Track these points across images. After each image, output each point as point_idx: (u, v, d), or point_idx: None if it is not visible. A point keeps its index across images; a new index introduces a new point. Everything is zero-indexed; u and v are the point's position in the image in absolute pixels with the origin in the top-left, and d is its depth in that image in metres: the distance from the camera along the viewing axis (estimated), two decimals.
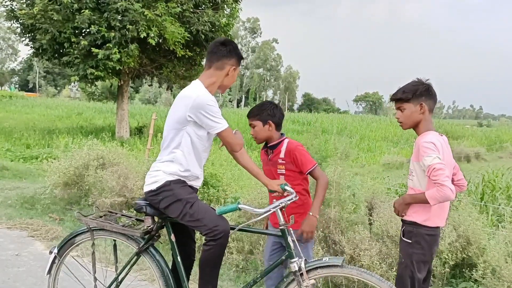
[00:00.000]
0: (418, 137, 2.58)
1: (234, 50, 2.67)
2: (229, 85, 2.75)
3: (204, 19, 16.47)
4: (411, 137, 27.35)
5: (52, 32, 15.13)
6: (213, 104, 2.49)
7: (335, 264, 2.28)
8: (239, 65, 2.74)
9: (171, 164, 2.54)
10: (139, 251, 2.66)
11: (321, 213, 4.34)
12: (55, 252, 2.79)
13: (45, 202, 6.26)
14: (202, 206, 2.50)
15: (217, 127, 2.50)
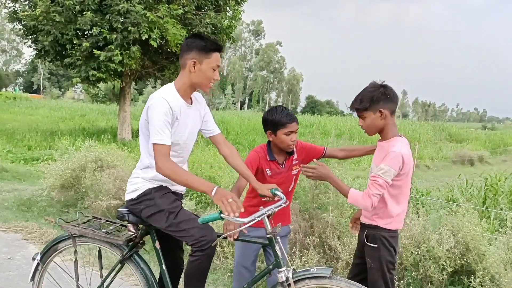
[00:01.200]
0: (385, 142, 2.56)
1: (194, 42, 2.41)
2: (201, 82, 2.45)
3: (206, 21, 16.44)
4: (414, 140, 27.23)
5: (54, 34, 15.13)
6: (160, 111, 2.28)
7: (323, 275, 2.21)
8: (206, 57, 2.39)
9: (149, 170, 2.44)
10: (123, 258, 2.59)
11: (318, 218, 4.28)
12: (37, 259, 2.73)
13: (41, 204, 6.23)
14: (187, 216, 2.40)
15: (151, 138, 2.29)
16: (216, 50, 2.43)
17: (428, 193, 7.78)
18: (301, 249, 3.71)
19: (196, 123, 2.57)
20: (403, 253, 3.58)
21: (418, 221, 3.79)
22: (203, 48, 2.39)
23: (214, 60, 2.42)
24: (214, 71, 2.44)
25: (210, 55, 2.41)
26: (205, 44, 2.40)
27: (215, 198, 2.13)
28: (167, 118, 2.29)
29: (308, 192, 4.47)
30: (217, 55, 2.44)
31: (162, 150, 2.25)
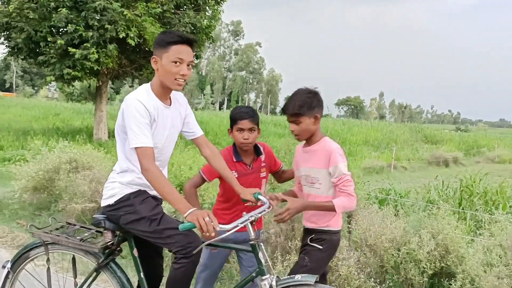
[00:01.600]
0: (316, 145, 2.59)
1: (159, 38, 2.28)
2: (166, 80, 2.27)
3: (185, 20, 16.28)
4: (391, 141, 27.63)
5: (28, 31, 14.74)
6: (136, 113, 2.16)
7: (308, 283, 2.15)
8: (165, 51, 2.23)
9: (127, 174, 2.33)
10: (99, 266, 2.48)
11: (299, 220, 4.23)
12: (8, 267, 2.60)
13: (13, 207, 6.01)
14: (170, 222, 2.27)
15: (130, 142, 2.17)
16: (177, 42, 2.23)
17: (407, 195, 7.85)
18: (282, 253, 3.65)
19: (176, 124, 2.45)
20: (384, 256, 3.57)
21: (399, 224, 3.78)
22: (161, 42, 2.25)
23: (173, 52, 2.22)
24: (177, 65, 2.24)
25: (168, 48, 2.23)
26: (164, 37, 2.25)
27: (188, 217, 2.02)
28: (145, 120, 2.18)
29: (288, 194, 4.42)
30: (178, 47, 2.23)
31: (145, 153, 2.14)
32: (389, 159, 19.31)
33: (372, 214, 3.93)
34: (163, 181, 2.13)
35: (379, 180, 12.48)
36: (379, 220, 3.79)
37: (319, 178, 2.56)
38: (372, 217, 3.86)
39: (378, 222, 3.75)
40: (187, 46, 2.26)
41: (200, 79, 78.50)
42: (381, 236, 3.58)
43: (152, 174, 2.12)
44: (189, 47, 2.27)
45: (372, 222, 3.78)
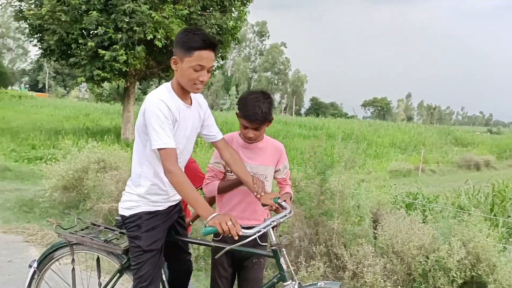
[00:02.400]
0: (260, 142, 2.63)
1: (180, 37, 2.16)
2: (184, 83, 2.20)
3: (212, 21, 16.38)
4: (419, 144, 27.09)
5: (60, 33, 15.11)
6: (159, 112, 2.10)
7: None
8: (187, 55, 2.12)
9: (140, 182, 2.29)
10: (122, 268, 2.51)
11: (323, 225, 4.18)
12: (34, 267, 2.65)
13: (44, 205, 6.15)
14: (153, 263, 2.30)
15: (153, 143, 2.11)
16: (201, 48, 2.12)
17: (435, 199, 7.67)
18: (306, 258, 3.61)
19: (196, 125, 2.40)
20: (412, 263, 3.48)
21: (428, 230, 3.68)
22: (184, 45, 2.13)
23: (196, 59, 2.12)
24: (197, 71, 2.15)
25: (191, 53, 2.12)
26: (187, 40, 2.12)
27: (210, 222, 1.98)
28: (168, 120, 2.12)
29: (313, 198, 4.37)
30: (202, 53, 2.13)
31: (169, 154, 2.09)
32: (416, 162, 18.94)
33: (400, 220, 3.84)
34: (187, 184, 2.09)
35: (406, 184, 12.26)
36: (407, 226, 3.70)
37: (267, 175, 2.62)
38: (400, 222, 3.77)
39: (406, 228, 3.66)
40: (210, 51, 2.16)
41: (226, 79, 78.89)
42: (409, 242, 3.49)
43: (176, 176, 2.08)
44: (211, 52, 2.18)
45: (399, 228, 3.69)
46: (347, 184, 4.27)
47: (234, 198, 2.63)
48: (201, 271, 4.13)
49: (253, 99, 2.46)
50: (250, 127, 2.49)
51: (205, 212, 2.03)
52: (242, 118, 2.49)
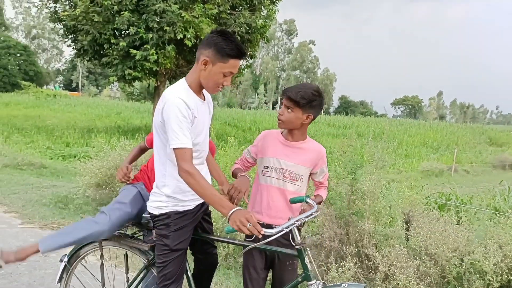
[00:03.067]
0: (302, 143, 2.59)
1: (216, 40, 2.15)
2: (208, 85, 2.23)
3: (241, 20, 16.45)
4: (452, 143, 26.43)
5: (93, 34, 15.50)
6: (178, 112, 2.10)
7: None
8: (222, 60, 2.15)
9: (166, 182, 2.29)
10: (148, 264, 2.56)
11: (354, 225, 4.14)
12: (65, 261, 2.74)
13: (78, 202, 6.32)
14: (178, 263, 2.33)
15: (170, 142, 2.12)
16: (236, 56, 2.18)
17: (469, 200, 7.46)
18: (337, 259, 3.58)
19: (209, 119, 2.45)
20: (446, 266, 3.40)
21: (462, 232, 3.58)
22: (221, 50, 2.14)
23: (230, 66, 2.18)
24: (225, 77, 2.21)
25: (227, 60, 2.16)
26: (225, 46, 2.14)
27: (231, 220, 1.99)
28: (186, 119, 2.13)
29: (343, 197, 4.33)
30: (235, 61, 2.19)
31: (184, 154, 2.10)
32: (449, 161, 18.49)
33: (433, 221, 3.75)
34: (203, 183, 2.10)
35: (438, 184, 11.99)
36: (441, 228, 3.62)
37: (302, 176, 2.57)
38: (433, 224, 3.69)
39: (440, 229, 3.57)
40: (239, 60, 2.23)
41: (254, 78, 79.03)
42: (443, 244, 3.41)
43: (191, 176, 2.09)
44: (240, 60, 2.26)
45: (433, 229, 3.61)
46: (378, 184, 4.21)
47: (263, 193, 2.59)
48: (231, 269, 4.15)
49: (305, 83, 2.52)
50: (284, 105, 2.49)
51: (224, 209, 2.04)
52: (283, 95, 2.51)
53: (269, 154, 2.57)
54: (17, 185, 7.54)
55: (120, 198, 2.65)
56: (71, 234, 2.50)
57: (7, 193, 6.94)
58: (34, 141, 14.94)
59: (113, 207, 2.58)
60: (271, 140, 2.60)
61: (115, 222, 2.52)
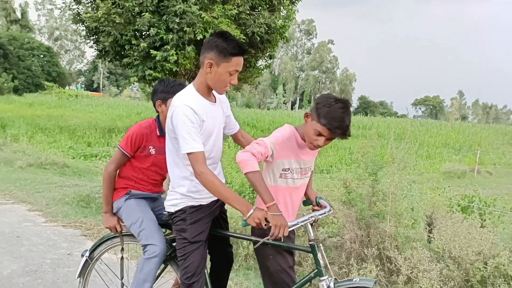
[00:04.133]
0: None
1: (215, 41, 2.23)
2: (215, 85, 2.31)
3: (260, 21, 16.45)
4: (474, 144, 25.95)
5: (114, 35, 15.71)
6: (185, 118, 2.18)
7: (366, 286, 2.15)
8: (225, 60, 2.23)
9: (181, 182, 2.36)
10: (166, 259, 2.62)
11: (375, 227, 4.09)
12: (86, 256, 2.81)
13: (99, 201, 6.40)
14: (196, 255, 2.38)
15: (181, 148, 2.19)
16: (238, 54, 2.26)
17: (493, 203, 7.31)
18: (358, 261, 3.55)
19: (222, 120, 2.50)
20: (470, 270, 3.33)
21: (487, 235, 3.51)
22: (222, 50, 2.22)
23: (234, 64, 2.26)
24: (231, 75, 2.29)
25: (229, 58, 2.24)
26: (226, 46, 2.22)
27: (249, 221, 2.11)
28: (194, 124, 2.20)
29: (364, 199, 4.29)
30: (238, 59, 2.27)
31: (197, 158, 2.17)
32: (472, 163, 18.15)
33: (457, 224, 3.68)
34: (218, 183, 2.18)
35: (461, 186, 11.78)
36: (465, 231, 3.55)
37: (311, 166, 2.59)
38: (457, 227, 3.62)
39: (464, 232, 3.51)
40: (242, 57, 2.30)
41: (273, 79, 78.95)
42: (467, 247, 3.34)
43: (206, 177, 2.16)
44: (243, 58, 2.32)
45: (456, 232, 3.54)
46: (399, 185, 4.16)
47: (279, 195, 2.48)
48: (251, 269, 4.15)
49: (339, 109, 2.27)
50: (326, 137, 2.33)
51: (243, 207, 2.14)
52: (322, 126, 2.28)
53: (292, 156, 2.45)
54: (40, 184, 7.70)
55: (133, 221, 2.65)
56: (148, 279, 2.53)
57: (31, 191, 7.09)
58: (56, 140, 15.23)
59: (142, 234, 2.59)
60: (293, 141, 2.46)
61: (160, 239, 2.57)
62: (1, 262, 4.10)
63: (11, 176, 8.25)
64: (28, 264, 4.10)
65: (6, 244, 4.63)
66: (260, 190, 2.17)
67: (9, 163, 9.60)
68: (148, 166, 2.74)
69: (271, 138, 2.35)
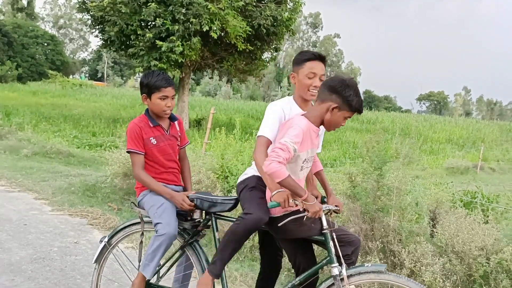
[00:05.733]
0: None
1: (295, 58, 2.67)
2: (300, 91, 2.63)
3: (267, 13, 16.41)
4: (478, 140, 25.92)
5: (120, 25, 15.71)
6: (271, 113, 2.59)
7: (377, 270, 2.24)
8: (300, 67, 2.60)
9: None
10: (184, 245, 2.69)
11: (379, 221, 4.13)
12: (105, 241, 2.85)
13: (105, 191, 6.47)
14: (254, 195, 2.53)
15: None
16: (309, 59, 2.56)
17: (496, 199, 7.33)
18: (362, 253, 3.59)
19: None
20: (473, 264, 3.37)
21: (490, 231, 3.54)
22: (296, 61, 2.61)
23: (307, 68, 2.55)
24: (310, 79, 2.55)
25: (303, 65, 2.56)
26: (299, 56, 2.61)
27: (275, 197, 2.31)
28: (274, 118, 2.57)
29: (369, 193, 4.32)
30: (311, 63, 2.56)
31: (259, 141, 2.53)
32: (475, 159, 18.13)
33: (460, 219, 3.72)
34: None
35: (464, 182, 11.79)
36: (468, 226, 3.59)
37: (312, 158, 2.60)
38: (460, 222, 3.66)
39: (467, 228, 3.54)
40: (319, 62, 2.58)
41: (278, 71, 78.75)
42: (470, 243, 3.38)
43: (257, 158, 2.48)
44: (321, 63, 2.59)
45: (459, 227, 3.58)
46: (404, 180, 4.19)
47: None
48: (256, 261, 4.20)
49: (358, 91, 2.35)
50: (349, 117, 2.41)
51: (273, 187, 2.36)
52: (352, 112, 2.34)
53: (309, 146, 2.45)
54: (46, 173, 7.77)
55: (154, 203, 2.70)
56: (156, 254, 2.58)
57: (37, 180, 7.17)
58: (61, 129, 15.27)
59: (156, 214, 2.64)
60: (310, 132, 2.42)
61: (171, 221, 2.60)
62: (10, 249, 4.16)
63: (17, 164, 8.32)
64: (36, 252, 4.17)
65: (14, 231, 4.69)
66: (294, 189, 2.24)
67: (15, 151, 9.68)
68: (158, 156, 2.78)
69: (292, 139, 2.29)
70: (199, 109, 26.84)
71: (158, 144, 2.77)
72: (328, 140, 19.54)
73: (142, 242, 2.82)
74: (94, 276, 2.94)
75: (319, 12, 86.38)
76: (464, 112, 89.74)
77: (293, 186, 2.23)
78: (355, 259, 2.52)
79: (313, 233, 2.44)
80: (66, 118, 18.16)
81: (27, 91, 32.80)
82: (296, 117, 2.44)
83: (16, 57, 50.11)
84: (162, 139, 2.78)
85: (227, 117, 23.92)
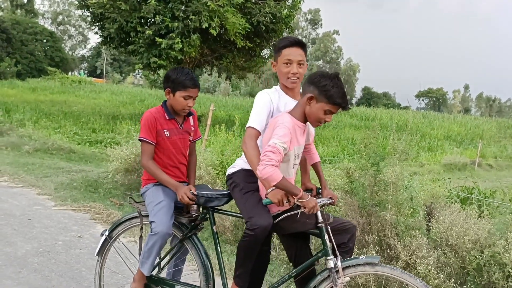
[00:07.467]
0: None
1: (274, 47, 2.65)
2: (281, 79, 2.64)
3: (266, 10, 16.47)
4: (476, 137, 26.03)
5: (120, 22, 15.75)
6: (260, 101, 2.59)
7: (372, 262, 2.31)
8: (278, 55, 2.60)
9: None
10: (183, 238, 2.77)
11: (376, 215, 4.23)
12: (106, 235, 2.95)
13: (107, 186, 6.57)
14: (252, 200, 2.50)
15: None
16: (285, 46, 2.53)
17: (492, 195, 7.45)
18: (359, 247, 3.69)
19: None
20: (467, 257, 3.48)
21: (484, 225, 3.65)
22: (275, 49, 2.58)
23: (284, 55, 2.53)
24: (287, 66, 2.53)
25: (280, 52, 2.54)
26: (277, 44, 2.58)
27: (270, 195, 2.32)
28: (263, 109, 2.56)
29: (366, 188, 4.42)
30: (288, 50, 2.53)
31: (248, 132, 2.50)
32: (473, 155, 18.26)
33: (454, 214, 3.82)
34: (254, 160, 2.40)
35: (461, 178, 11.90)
36: (462, 220, 3.69)
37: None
38: (454, 216, 3.76)
39: (461, 222, 3.64)
40: (297, 48, 2.55)
41: None
42: (464, 236, 3.48)
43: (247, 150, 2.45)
44: (299, 49, 2.57)
45: (454, 221, 3.68)
46: (400, 176, 4.28)
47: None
48: None
49: (341, 86, 2.38)
50: (334, 113, 2.43)
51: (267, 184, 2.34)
52: (332, 105, 2.36)
53: (296, 143, 2.49)
54: (48, 169, 7.85)
55: (153, 200, 2.76)
56: (152, 252, 2.66)
57: (39, 176, 7.25)
58: (61, 126, 15.33)
59: (152, 211, 2.70)
60: (296, 129, 2.47)
61: (165, 220, 2.65)
62: (15, 243, 4.26)
63: (19, 161, 8.41)
64: (41, 245, 4.26)
65: (19, 226, 4.79)
66: (289, 190, 2.29)
67: (16, 148, 9.76)
68: (168, 148, 2.84)
69: (280, 139, 2.33)
70: (198, 105, 26.89)
71: (170, 137, 2.83)
72: (327, 136, 19.64)
73: (141, 237, 2.89)
74: (97, 268, 3.04)
75: (318, 9, 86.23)
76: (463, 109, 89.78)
77: (288, 187, 2.28)
78: (352, 246, 2.56)
79: (308, 227, 2.51)
80: (66, 115, 18.20)
81: (26, 88, 32.77)
82: (281, 115, 2.48)
83: (15, 53, 49.98)
84: (175, 133, 2.83)
85: (226, 113, 24.00)
